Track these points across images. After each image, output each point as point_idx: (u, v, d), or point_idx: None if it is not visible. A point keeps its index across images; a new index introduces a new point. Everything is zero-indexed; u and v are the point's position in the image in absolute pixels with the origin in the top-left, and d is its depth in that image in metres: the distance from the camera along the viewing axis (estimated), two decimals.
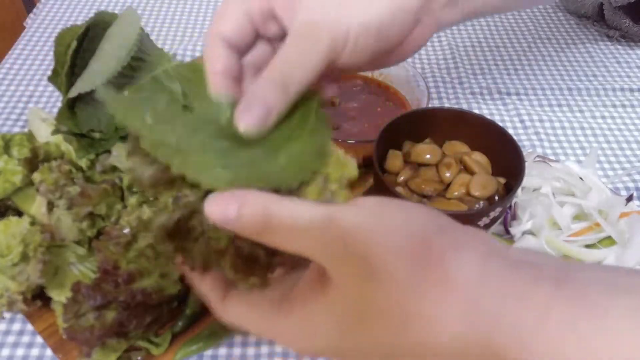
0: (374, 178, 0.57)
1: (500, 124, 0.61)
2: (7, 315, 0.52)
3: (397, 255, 0.26)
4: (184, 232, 0.30)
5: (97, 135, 0.55)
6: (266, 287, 0.31)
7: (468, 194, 0.55)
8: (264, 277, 0.30)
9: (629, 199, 0.56)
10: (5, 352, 0.49)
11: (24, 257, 0.47)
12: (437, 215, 0.28)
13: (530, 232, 0.55)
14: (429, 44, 0.91)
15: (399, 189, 0.55)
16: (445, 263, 0.25)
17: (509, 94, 0.81)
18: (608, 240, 0.53)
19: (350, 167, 0.32)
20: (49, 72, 0.59)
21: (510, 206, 0.57)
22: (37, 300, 0.48)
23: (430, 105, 0.68)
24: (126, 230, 0.45)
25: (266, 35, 0.39)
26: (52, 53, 0.59)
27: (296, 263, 0.32)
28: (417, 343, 0.26)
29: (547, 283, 0.24)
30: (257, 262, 0.30)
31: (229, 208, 0.27)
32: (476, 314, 0.24)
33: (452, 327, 0.25)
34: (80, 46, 0.57)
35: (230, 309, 0.33)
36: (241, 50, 0.38)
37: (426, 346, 0.26)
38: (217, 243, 0.30)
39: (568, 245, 0.52)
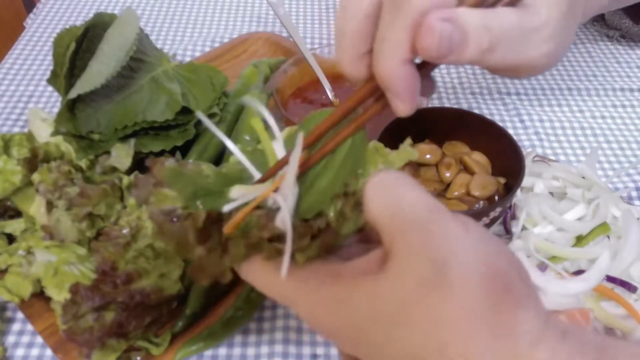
0: None
1: (500, 124, 0.61)
2: (7, 315, 0.52)
3: (476, 281, 0.25)
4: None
5: (96, 136, 0.55)
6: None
7: (468, 194, 0.55)
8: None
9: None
10: (6, 352, 0.49)
11: None
12: (519, 261, 0.28)
13: (524, 228, 0.56)
14: None
15: None
16: (517, 311, 0.25)
17: (509, 94, 0.81)
18: (601, 228, 0.53)
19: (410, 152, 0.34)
20: (49, 73, 0.59)
21: (510, 206, 0.57)
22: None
23: (430, 105, 0.67)
24: (125, 231, 0.45)
25: None
26: (52, 53, 0.59)
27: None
28: None
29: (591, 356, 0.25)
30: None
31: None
32: None
33: None
34: (79, 47, 0.57)
35: (260, 266, 0.30)
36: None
37: None
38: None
39: (554, 247, 0.52)
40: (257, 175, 0.34)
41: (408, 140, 0.35)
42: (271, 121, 0.34)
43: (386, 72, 0.29)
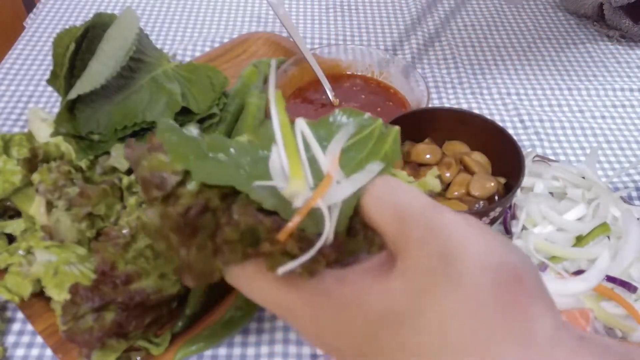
0: None
1: (500, 124, 0.61)
2: (7, 315, 0.52)
3: (485, 272, 0.24)
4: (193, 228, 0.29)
5: (96, 137, 0.55)
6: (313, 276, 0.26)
7: (468, 194, 0.55)
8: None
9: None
10: (6, 352, 0.49)
11: None
12: (527, 256, 0.26)
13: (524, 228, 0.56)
14: (428, 43, 0.91)
15: None
16: (533, 306, 0.24)
17: (509, 94, 0.81)
18: (601, 228, 0.53)
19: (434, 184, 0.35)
20: (49, 73, 0.59)
21: (510, 206, 0.57)
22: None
23: (430, 105, 0.67)
24: (125, 231, 0.45)
25: None
26: (52, 53, 0.59)
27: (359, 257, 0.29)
28: None
29: None
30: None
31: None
32: None
33: None
34: (79, 48, 0.57)
35: (256, 272, 0.27)
36: None
37: None
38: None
39: (554, 247, 0.53)
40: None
41: (434, 171, 0.35)
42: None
43: None
